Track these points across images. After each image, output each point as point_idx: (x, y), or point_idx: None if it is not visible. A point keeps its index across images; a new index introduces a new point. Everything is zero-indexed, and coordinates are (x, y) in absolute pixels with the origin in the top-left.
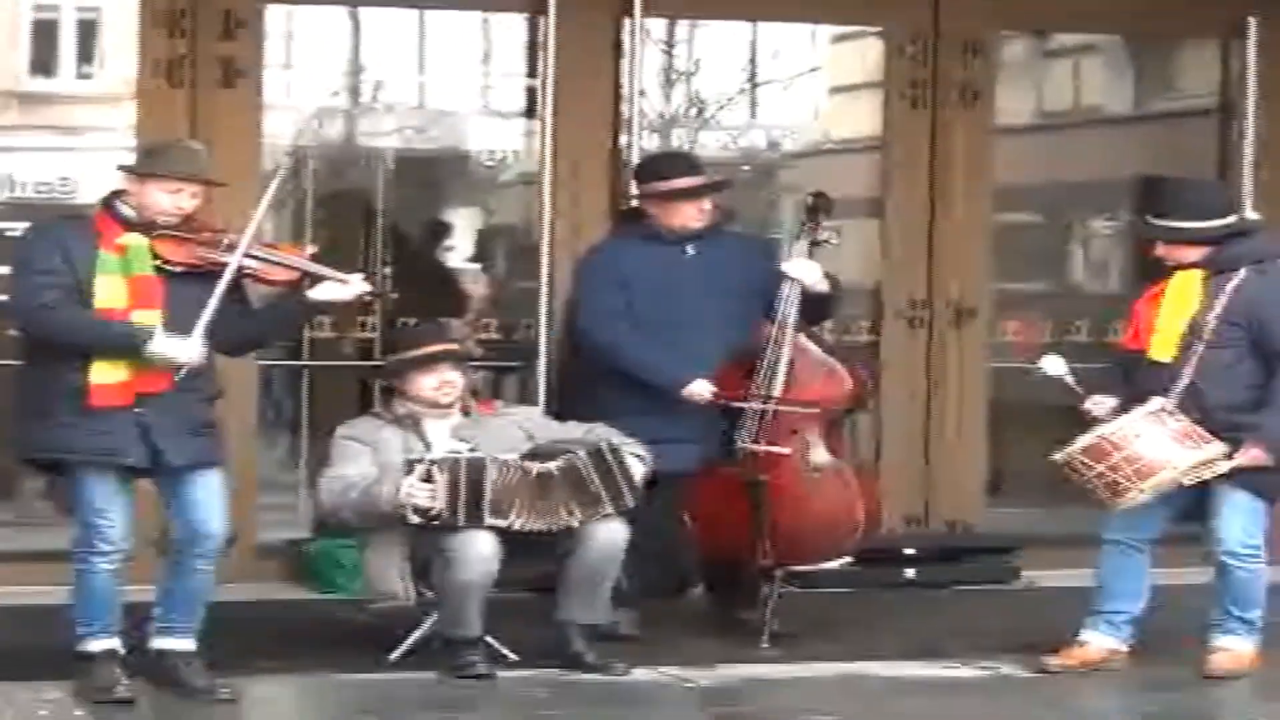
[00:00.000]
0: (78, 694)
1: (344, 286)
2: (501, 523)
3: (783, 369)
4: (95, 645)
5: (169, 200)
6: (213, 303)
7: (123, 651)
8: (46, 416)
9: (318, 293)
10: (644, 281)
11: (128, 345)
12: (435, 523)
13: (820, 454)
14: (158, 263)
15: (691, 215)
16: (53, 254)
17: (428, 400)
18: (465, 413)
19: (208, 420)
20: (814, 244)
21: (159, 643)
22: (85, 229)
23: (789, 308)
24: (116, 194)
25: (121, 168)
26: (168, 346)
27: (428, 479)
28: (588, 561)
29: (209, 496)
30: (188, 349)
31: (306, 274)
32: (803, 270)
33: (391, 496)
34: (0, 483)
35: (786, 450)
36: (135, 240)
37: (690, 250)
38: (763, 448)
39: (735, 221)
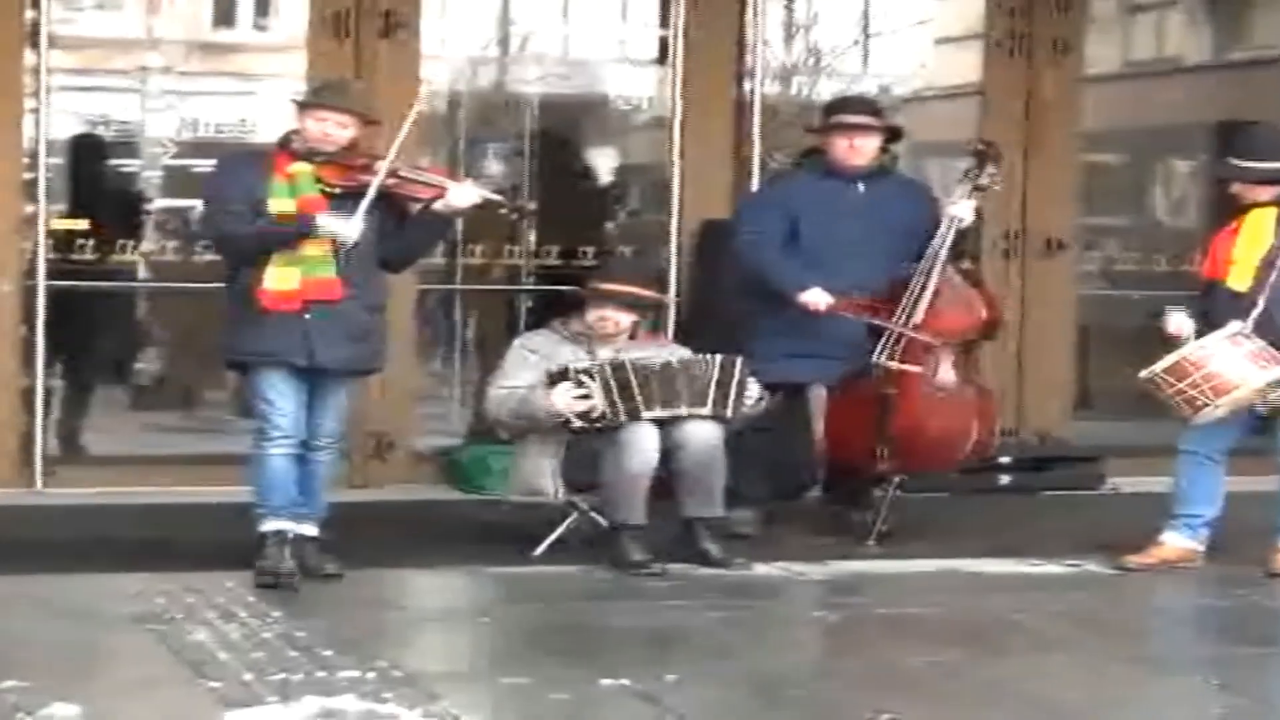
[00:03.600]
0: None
1: (463, 193)
2: (659, 413)
3: (928, 296)
4: (270, 526)
5: (317, 128)
6: (370, 194)
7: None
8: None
9: (440, 203)
10: (814, 210)
11: (299, 231)
12: (599, 424)
13: (948, 374)
14: (320, 186)
15: (844, 149)
16: (232, 184)
17: (589, 327)
18: (632, 338)
19: (369, 327)
20: (976, 188)
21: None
22: (262, 162)
23: (943, 242)
24: (293, 133)
25: (291, 100)
26: (332, 224)
27: (580, 386)
28: (690, 461)
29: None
30: (349, 227)
31: (447, 189)
32: (963, 210)
33: (546, 408)
34: None
35: (918, 369)
36: (301, 168)
37: (860, 187)
38: (896, 365)
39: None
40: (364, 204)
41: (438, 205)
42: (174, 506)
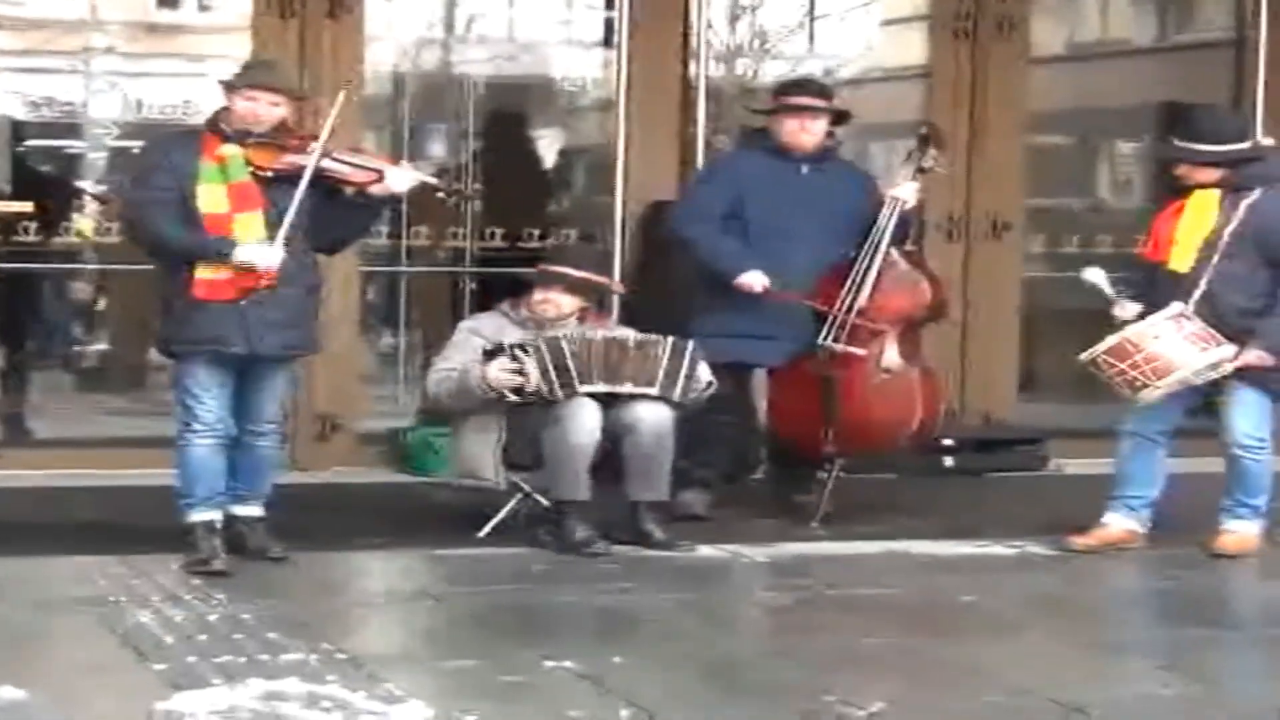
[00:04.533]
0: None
1: (400, 178)
2: (594, 388)
3: (871, 279)
4: (196, 517)
5: (245, 107)
6: (292, 210)
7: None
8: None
9: (377, 187)
10: (760, 190)
11: (215, 253)
12: (533, 399)
13: (892, 357)
14: (252, 169)
15: (793, 130)
16: (160, 169)
17: (532, 309)
18: (581, 321)
19: (305, 310)
20: (920, 170)
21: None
22: (191, 143)
23: (886, 225)
24: (221, 113)
25: (220, 81)
26: (250, 254)
27: (514, 361)
28: (639, 443)
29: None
30: (268, 256)
31: (384, 174)
32: (905, 192)
33: (480, 383)
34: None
35: (862, 351)
36: (231, 150)
37: (805, 169)
38: (840, 347)
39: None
40: (283, 231)
41: (374, 189)
42: (119, 489)
